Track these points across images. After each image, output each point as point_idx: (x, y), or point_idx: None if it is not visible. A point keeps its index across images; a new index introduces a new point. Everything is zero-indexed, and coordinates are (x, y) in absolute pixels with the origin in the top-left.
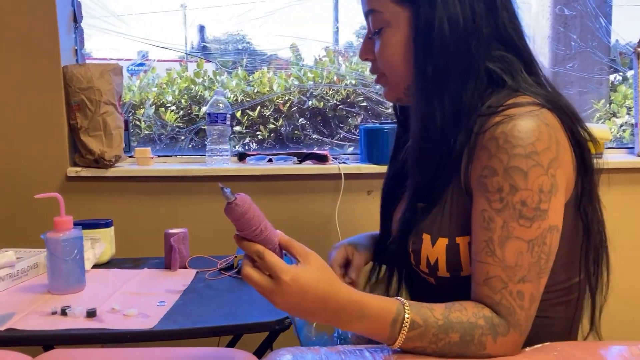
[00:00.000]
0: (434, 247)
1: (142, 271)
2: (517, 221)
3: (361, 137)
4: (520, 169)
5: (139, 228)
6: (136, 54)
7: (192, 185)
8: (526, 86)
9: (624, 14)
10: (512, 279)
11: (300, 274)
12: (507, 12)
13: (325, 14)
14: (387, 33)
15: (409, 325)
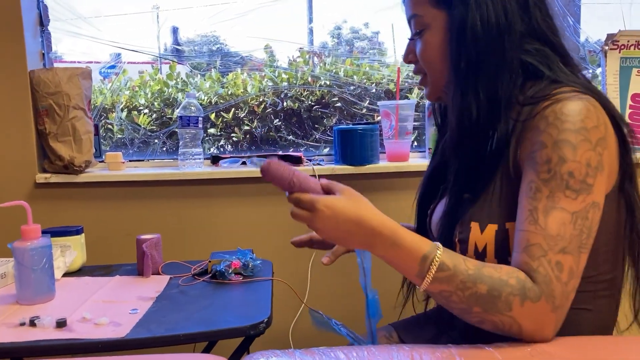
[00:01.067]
0: (483, 234)
1: (113, 278)
2: (564, 192)
3: (335, 138)
4: (570, 142)
5: (111, 234)
6: (108, 56)
7: (164, 190)
8: (564, 76)
9: (592, 12)
10: (552, 248)
11: (332, 200)
12: (540, 11)
13: (299, 14)
14: (427, 35)
15: (438, 265)
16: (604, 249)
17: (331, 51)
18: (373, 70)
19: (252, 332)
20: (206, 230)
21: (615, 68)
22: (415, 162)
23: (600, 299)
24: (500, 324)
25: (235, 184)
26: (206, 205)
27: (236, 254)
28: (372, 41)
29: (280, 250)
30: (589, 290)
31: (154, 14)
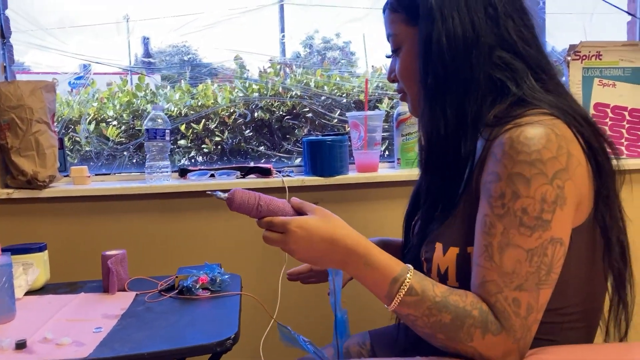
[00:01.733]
0: (445, 256)
1: (78, 296)
2: (517, 229)
3: (304, 149)
4: (523, 176)
5: (76, 250)
6: (77, 67)
7: (131, 204)
8: (531, 93)
9: (553, 23)
10: (508, 285)
11: (305, 220)
12: (513, 21)
13: (271, 24)
14: (402, 53)
15: (407, 289)
16: (574, 281)
17: (303, 61)
18: (343, 80)
19: (218, 349)
20: (174, 244)
21: (578, 78)
22: (384, 172)
23: (568, 331)
24: (462, 352)
25: (203, 197)
26: (174, 219)
27: (204, 268)
28: (343, 51)
29: (250, 264)
30: (556, 321)
31: (124, 25)
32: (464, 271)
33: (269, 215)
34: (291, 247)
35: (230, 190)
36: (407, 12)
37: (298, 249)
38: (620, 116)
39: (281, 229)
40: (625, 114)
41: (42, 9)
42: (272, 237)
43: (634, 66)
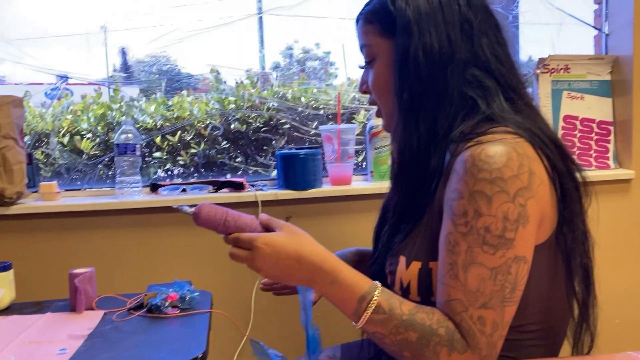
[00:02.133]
0: (408, 270)
1: (44, 316)
2: (481, 247)
3: (278, 163)
4: (485, 194)
5: (44, 269)
6: (55, 78)
7: (101, 220)
8: (499, 113)
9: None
10: (473, 304)
11: (271, 237)
12: (488, 38)
13: (251, 34)
14: (376, 65)
15: (374, 307)
16: (535, 299)
17: (281, 72)
18: (320, 92)
19: None
20: (144, 261)
21: (547, 91)
22: (358, 185)
23: (528, 348)
24: None
25: (174, 212)
26: (144, 235)
27: (173, 286)
28: (323, 61)
29: (221, 280)
30: (515, 339)
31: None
32: (426, 285)
33: (236, 231)
34: (258, 264)
35: (197, 205)
36: (382, 24)
37: (264, 266)
38: (588, 128)
39: (248, 245)
40: (594, 126)
41: (18, 19)
42: (239, 254)
43: (601, 79)
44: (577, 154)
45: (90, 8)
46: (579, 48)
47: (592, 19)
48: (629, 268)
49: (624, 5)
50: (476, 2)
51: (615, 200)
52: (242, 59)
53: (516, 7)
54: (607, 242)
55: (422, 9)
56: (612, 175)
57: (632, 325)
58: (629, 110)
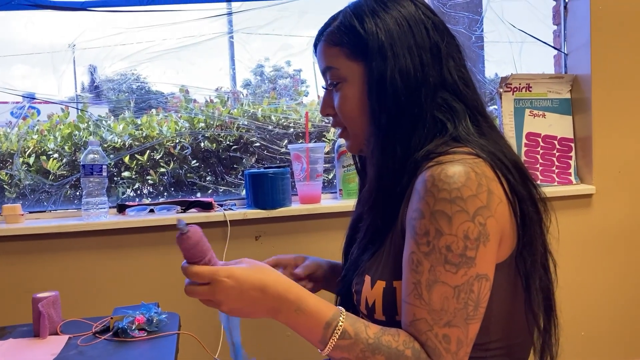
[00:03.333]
0: (373, 289)
1: (6, 342)
2: (443, 266)
3: (246, 182)
4: (445, 213)
5: (6, 293)
6: (21, 97)
7: (66, 242)
8: (465, 135)
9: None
10: (437, 322)
11: (234, 269)
12: (454, 61)
13: (221, 52)
14: (345, 88)
15: (340, 333)
16: (497, 316)
17: (252, 89)
18: (290, 111)
19: None
20: (110, 283)
21: (510, 109)
22: (327, 203)
23: None
24: None
25: (142, 233)
26: (111, 257)
27: (140, 308)
28: (294, 79)
29: (189, 301)
30: (479, 356)
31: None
32: (390, 305)
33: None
34: (219, 298)
35: (192, 226)
36: (350, 47)
37: (227, 299)
38: (550, 145)
39: (208, 279)
40: (555, 143)
41: None
42: (198, 291)
43: (561, 97)
44: (540, 170)
45: (59, 26)
46: (540, 67)
47: (551, 39)
48: (590, 281)
49: (581, 26)
50: (441, 26)
51: (577, 215)
52: (213, 77)
53: (479, 28)
54: (569, 256)
55: (394, 31)
56: (574, 191)
57: (597, 337)
58: (589, 127)
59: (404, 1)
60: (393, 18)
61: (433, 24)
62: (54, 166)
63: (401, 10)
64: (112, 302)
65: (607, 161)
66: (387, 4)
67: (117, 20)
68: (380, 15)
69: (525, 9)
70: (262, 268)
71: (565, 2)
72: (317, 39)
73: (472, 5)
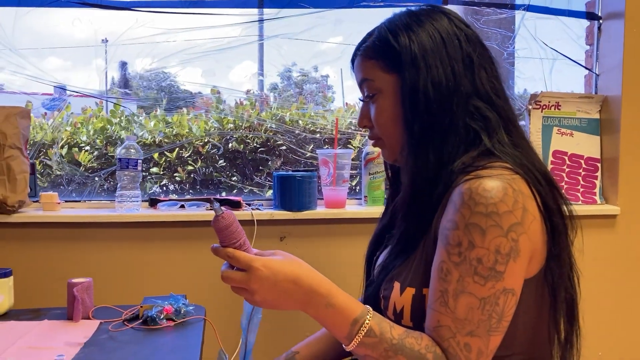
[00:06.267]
0: (402, 296)
1: (42, 323)
2: (472, 277)
3: (274, 183)
4: (479, 227)
5: (42, 277)
6: (53, 90)
7: (100, 232)
8: (500, 147)
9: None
10: (460, 331)
11: (270, 259)
12: (486, 72)
13: (251, 55)
14: (380, 99)
15: (367, 330)
16: (521, 330)
17: (280, 93)
18: (317, 116)
19: None
20: (140, 274)
21: (538, 126)
22: (351, 209)
23: None
24: None
25: (172, 227)
26: (142, 248)
27: (169, 299)
28: (320, 84)
29: (216, 296)
30: None
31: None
32: (418, 312)
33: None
34: (253, 287)
35: (227, 210)
36: (385, 60)
37: (260, 289)
38: (576, 164)
39: (245, 266)
40: (582, 162)
41: (20, 28)
42: (234, 277)
43: (590, 117)
44: (565, 188)
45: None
46: (570, 86)
47: (583, 59)
48: (612, 301)
49: (614, 48)
50: (473, 38)
51: (601, 234)
52: (241, 79)
53: (512, 45)
54: (591, 275)
55: (427, 45)
56: (599, 210)
57: (614, 358)
58: (616, 148)
59: (437, 15)
60: (426, 31)
61: (466, 36)
62: (85, 158)
63: (434, 23)
64: (141, 291)
65: (634, 182)
66: (421, 18)
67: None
68: (413, 29)
69: (559, 28)
70: (296, 261)
71: (600, 23)
72: (355, 54)
73: (506, 22)
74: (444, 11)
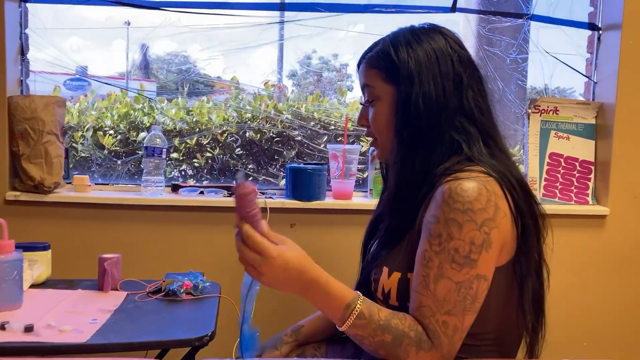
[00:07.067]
0: (389, 279)
1: (76, 292)
2: (450, 264)
3: (287, 174)
4: (457, 221)
5: (74, 251)
6: (75, 71)
7: (126, 213)
8: (479, 156)
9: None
10: (439, 310)
11: (284, 250)
12: (473, 91)
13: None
14: (378, 105)
15: (358, 314)
16: (492, 312)
17: (298, 80)
18: (332, 108)
19: (197, 344)
20: (163, 252)
21: (536, 129)
22: (358, 200)
23: (485, 353)
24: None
25: (192, 212)
26: (164, 229)
27: (188, 275)
28: (339, 72)
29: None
30: (474, 344)
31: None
32: (403, 293)
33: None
34: (263, 271)
35: (247, 182)
36: (385, 71)
37: (270, 273)
38: (571, 166)
39: (259, 250)
40: (577, 164)
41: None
42: (249, 257)
43: (587, 122)
44: (560, 188)
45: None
46: (569, 92)
47: (584, 67)
48: (598, 298)
49: (611, 57)
50: (465, 59)
51: (590, 234)
52: (261, 66)
53: (515, 51)
54: (580, 272)
55: (422, 61)
56: (590, 210)
57: (599, 350)
58: (609, 152)
59: (436, 35)
60: (423, 50)
61: (459, 57)
62: (109, 142)
63: (432, 43)
64: (163, 268)
65: (624, 186)
66: (421, 36)
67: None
68: (413, 46)
69: (561, 37)
70: (302, 253)
71: (599, 34)
72: (360, 60)
73: (510, 30)
74: (442, 32)
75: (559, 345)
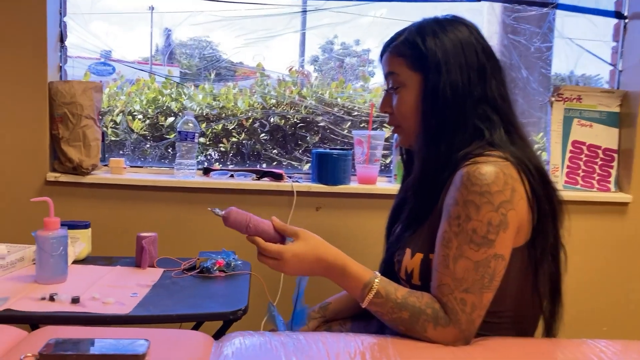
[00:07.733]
0: (412, 260)
1: (115, 268)
2: (469, 245)
3: (313, 159)
4: (475, 203)
5: (112, 230)
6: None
7: (161, 194)
8: (499, 142)
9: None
10: (458, 287)
11: (296, 248)
12: (495, 80)
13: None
14: (403, 92)
15: (375, 293)
16: (510, 291)
17: (320, 66)
18: (356, 94)
19: (231, 317)
20: (196, 232)
21: (559, 117)
22: (382, 185)
23: (504, 330)
24: (420, 339)
25: (224, 194)
26: (197, 210)
27: (221, 254)
28: (361, 58)
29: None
30: (493, 321)
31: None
32: (426, 273)
33: (257, 234)
34: (284, 270)
35: (227, 209)
36: (412, 59)
37: (290, 270)
38: (594, 154)
39: (275, 255)
40: (599, 152)
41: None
42: (267, 262)
43: (610, 110)
44: (582, 175)
45: None
46: (594, 80)
47: (609, 55)
48: (617, 283)
49: (637, 45)
50: (488, 50)
51: (612, 221)
52: (284, 51)
53: (539, 40)
54: (602, 257)
55: (449, 51)
56: (612, 198)
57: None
58: (633, 140)
59: (460, 26)
60: (450, 39)
61: (482, 47)
62: (138, 126)
63: (457, 33)
64: (197, 246)
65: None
66: (446, 27)
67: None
68: (439, 36)
69: (586, 24)
70: (315, 241)
71: (625, 22)
72: (384, 50)
73: (534, 18)
74: (466, 23)
75: (579, 329)
